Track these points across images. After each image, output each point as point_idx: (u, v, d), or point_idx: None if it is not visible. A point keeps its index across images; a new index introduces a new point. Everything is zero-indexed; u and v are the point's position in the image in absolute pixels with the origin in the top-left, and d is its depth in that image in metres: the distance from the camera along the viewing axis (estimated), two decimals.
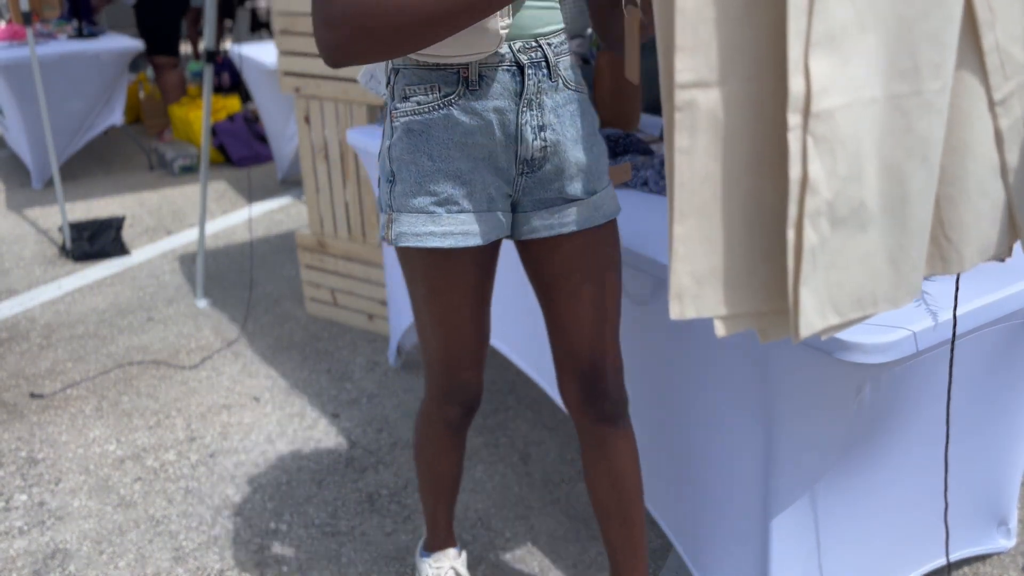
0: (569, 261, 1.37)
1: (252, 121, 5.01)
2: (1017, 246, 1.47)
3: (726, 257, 0.81)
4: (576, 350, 1.42)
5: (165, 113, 5.39)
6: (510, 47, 1.23)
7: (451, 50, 1.18)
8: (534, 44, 1.25)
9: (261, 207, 4.23)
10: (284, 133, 4.32)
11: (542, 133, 1.28)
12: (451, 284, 1.35)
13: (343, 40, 1.11)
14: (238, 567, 1.90)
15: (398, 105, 1.28)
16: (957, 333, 1.28)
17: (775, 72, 0.77)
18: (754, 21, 0.75)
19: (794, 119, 0.73)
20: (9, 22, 4.59)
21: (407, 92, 1.26)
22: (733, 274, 0.82)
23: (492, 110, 1.24)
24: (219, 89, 5.74)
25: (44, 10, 4.90)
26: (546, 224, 1.35)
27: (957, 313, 1.26)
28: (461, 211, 1.28)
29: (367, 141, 2.27)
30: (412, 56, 1.23)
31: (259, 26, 7.07)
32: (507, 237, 1.38)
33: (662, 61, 0.78)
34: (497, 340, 2.10)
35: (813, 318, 0.79)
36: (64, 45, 4.35)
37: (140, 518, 2.06)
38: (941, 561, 1.70)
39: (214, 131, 4.84)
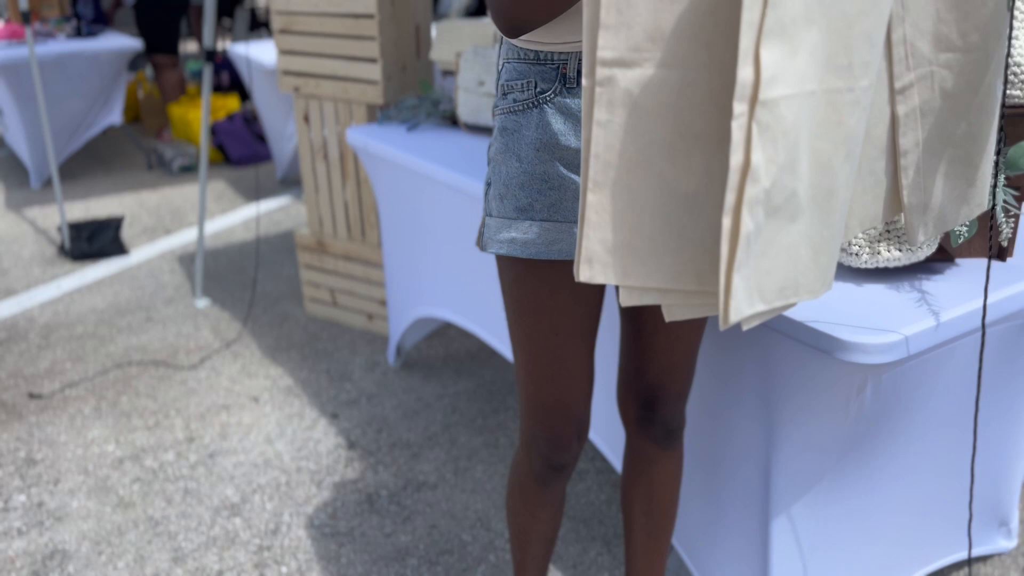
0: None
1: (251, 120, 5.00)
2: (1018, 246, 1.47)
3: (637, 231, 0.84)
4: (649, 374, 1.35)
5: (164, 112, 5.38)
6: None
7: (553, 36, 1.11)
8: None
9: (261, 207, 4.23)
10: (283, 132, 4.32)
11: None
12: (538, 303, 1.22)
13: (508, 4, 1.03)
14: (237, 567, 1.90)
15: (499, 102, 1.20)
16: (957, 334, 1.28)
17: (700, 63, 0.78)
18: (680, 9, 0.77)
19: (740, 107, 0.74)
20: (8, 21, 4.58)
21: (506, 88, 1.18)
22: (643, 250, 0.84)
23: None
24: (218, 88, 5.73)
25: (43, 9, 4.89)
26: None
27: (957, 314, 1.26)
28: (546, 219, 1.17)
29: (367, 141, 2.26)
30: (515, 43, 1.16)
31: (258, 25, 7.06)
32: None
33: (586, 36, 0.80)
34: (491, 336, 2.10)
35: (742, 304, 0.80)
36: (63, 44, 4.35)
37: (139, 518, 2.06)
38: (943, 562, 1.70)
39: (213, 130, 4.84)
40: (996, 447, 1.64)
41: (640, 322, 1.33)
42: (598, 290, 1.25)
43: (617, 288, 1.37)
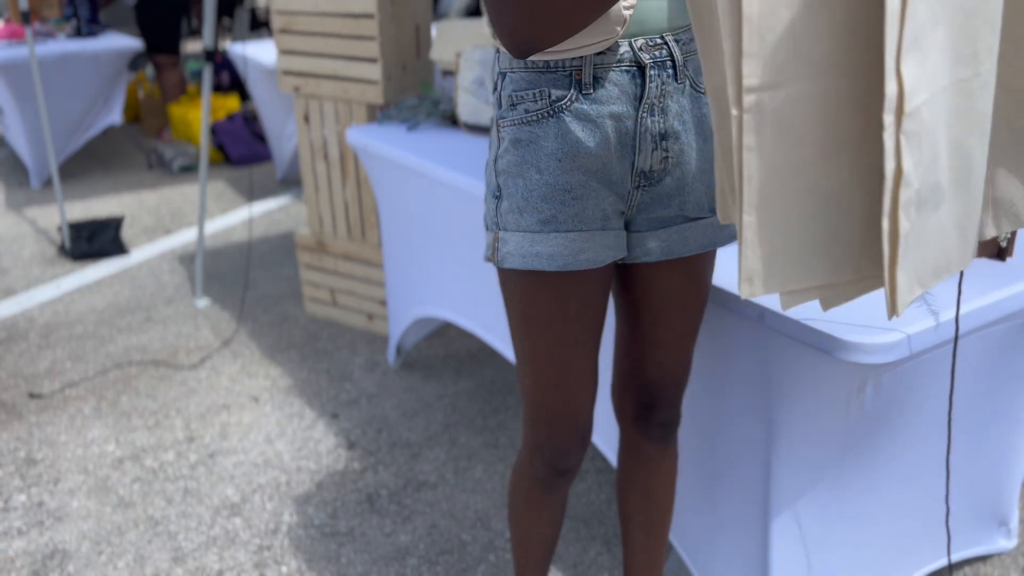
0: (677, 288, 1.26)
1: (251, 120, 5.00)
2: (1017, 246, 1.47)
3: (792, 240, 0.88)
4: (647, 372, 1.35)
5: (164, 112, 5.38)
6: (630, 44, 1.10)
7: (568, 43, 1.06)
8: (659, 41, 1.11)
9: (260, 207, 4.23)
10: (283, 132, 4.32)
11: (663, 142, 1.14)
12: (563, 313, 1.20)
13: (518, 24, 0.97)
14: (237, 567, 1.90)
15: (505, 113, 1.16)
16: (958, 333, 1.28)
17: (836, 70, 0.82)
18: (816, 25, 0.80)
19: (888, 119, 0.78)
20: (8, 21, 4.58)
21: (514, 99, 1.14)
22: (798, 254, 0.88)
23: (608, 116, 1.11)
24: (218, 88, 5.73)
25: (43, 9, 4.89)
26: (664, 246, 1.21)
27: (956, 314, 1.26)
28: (572, 230, 1.14)
29: (367, 140, 2.26)
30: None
31: (258, 25, 7.06)
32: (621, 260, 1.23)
33: (730, 67, 0.82)
34: (491, 336, 2.10)
35: (905, 295, 0.87)
36: (63, 44, 4.34)
37: (139, 518, 2.06)
38: (942, 562, 1.69)
39: (213, 130, 4.84)
40: (996, 447, 1.64)
41: (639, 319, 1.33)
42: (604, 298, 1.24)
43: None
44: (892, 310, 0.85)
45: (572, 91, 1.11)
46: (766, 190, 0.85)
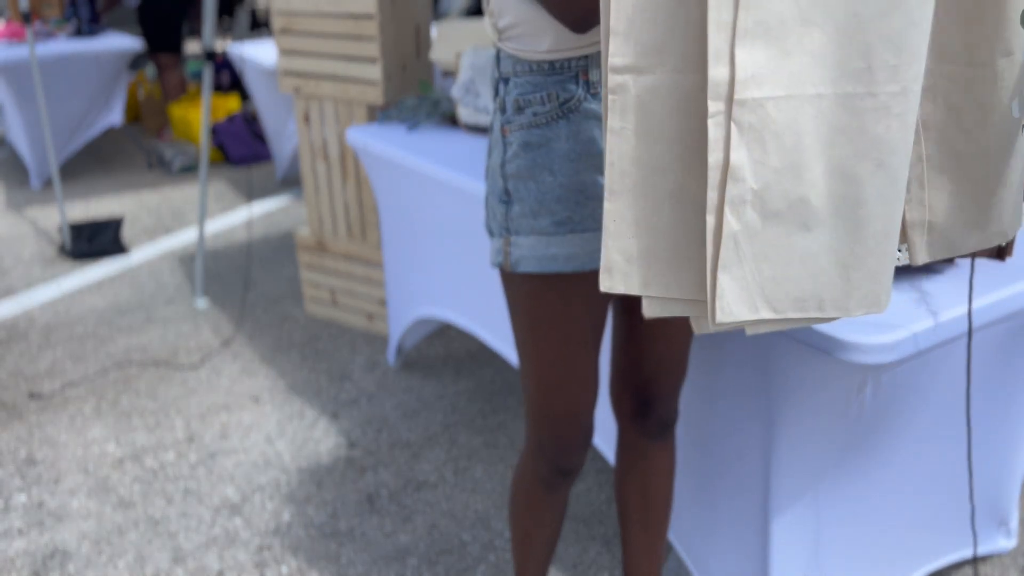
0: None
1: (251, 121, 5.01)
2: (1017, 246, 1.47)
3: (656, 241, 0.83)
4: (646, 369, 1.36)
5: (164, 112, 5.38)
6: None
7: (577, 39, 1.09)
8: None
9: (260, 207, 4.23)
10: (283, 133, 4.32)
11: None
12: (569, 314, 1.21)
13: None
14: (237, 567, 1.90)
15: (512, 118, 1.16)
16: (957, 333, 1.28)
17: (702, 66, 0.78)
18: (687, 14, 0.77)
19: (715, 106, 0.75)
20: (9, 21, 4.58)
21: (521, 103, 1.15)
22: (663, 258, 0.83)
23: None
24: (218, 88, 5.73)
25: (44, 9, 4.89)
26: None
27: (958, 314, 1.26)
28: (587, 230, 1.16)
29: (367, 141, 2.26)
30: (525, 57, 1.13)
31: (258, 25, 7.06)
32: None
33: (602, 44, 0.80)
34: (491, 336, 2.10)
35: (736, 307, 0.80)
36: (63, 44, 4.35)
37: (139, 518, 2.06)
38: (942, 561, 1.70)
39: (213, 130, 4.84)
40: (996, 447, 1.65)
41: (636, 317, 1.33)
42: (607, 298, 1.25)
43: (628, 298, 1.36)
44: (711, 317, 0.79)
45: (580, 91, 1.12)
46: (628, 179, 0.81)
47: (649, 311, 0.86)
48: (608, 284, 0.84)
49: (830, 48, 0.77)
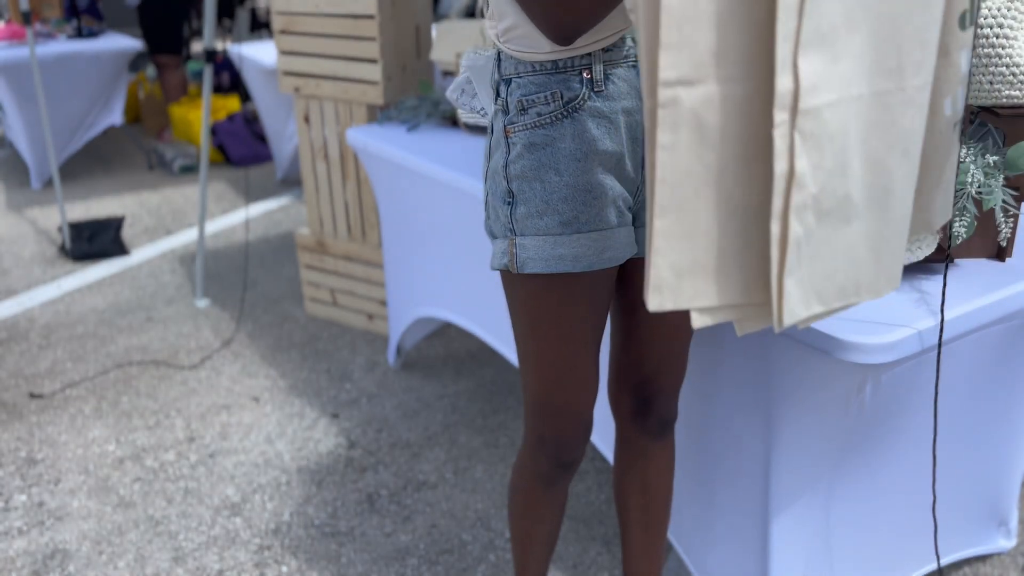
0: None
1: (251, 121, 5.01)
2: (1017, 246, 1.47)
3: (705, 252, 0.82)
4: (646, 367, 1.36)
5: (165, 112, 5.39)
6: (634, 40, 1.13)
7: (582, 39, 1.09)
8: None
9: (260, 207, 4.23)
10: (283, 133, 4.32)
11: None
12: (572, 314, 1.21)
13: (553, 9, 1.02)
14: (238, 567, 1.90)
15: (515, 119, 1.16)
16: (957, 333, 1.28)
17: (758, 72, 0.78)
18: (739, 21, 0.76)
19: (780, 116, 0.75)
20: (9, 22, 4.59)
21: (524, 103, 1.15)
22: (711, 268, 0.83)
23: (621, 111, 1.14)
24: (218, 89, 5.74)
25: (44, 10, 4.89)
26: None
27: (956, 314, 1.26)
28: (593, 229, 1.16)
29: (367, 141, 2.26)
30: (527, 58, 1.14)
31: (258, 26, 7.07)
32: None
33: (645, 57, 0.79)
34: (491, 336, 2.10)
35: (797, 307, 0.81)
36: (64, 45, 4.35)
37: (139, 518, 2.06)
38: (943, 561, 1.70)
39: (213, 131, 4.84)
40: (995, 447, 1.65)
41: (637, 315, 1.33)
42: (611, 296, 1.25)
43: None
44: (778, 321, 0.80)
45: (584, 90, 1.12)
46: (679, 195, 0.80)
47: (699, 322, 0.86)
48: (658, 302, 0.83)
49: (868, 49, 0.79)
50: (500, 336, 2.08)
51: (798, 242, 0.78)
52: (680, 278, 0.83)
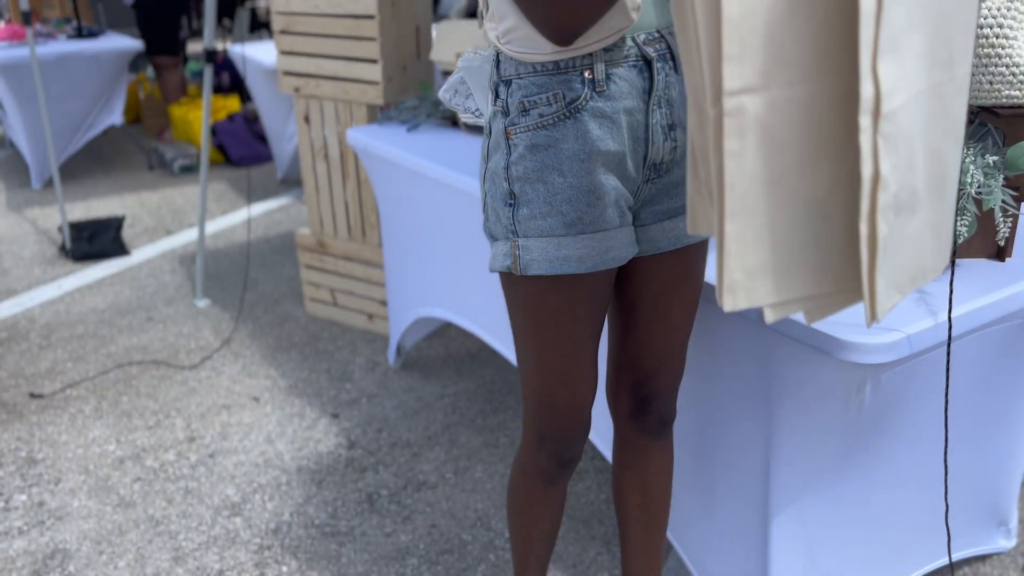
0: (676, 278, 1.28)
1: (252, 121, 5.01)
2: (1017, 246, 1.47)
3: (774, 250, 0.85)
4: (645, 366, 1.36)
5: (165, 113, 5.39)
6: (635, 40, 1.14)
7: (582, 39, 1.09)
8: (657, 35, 1.15)
9: (261, 207, 4.23)
10: (284, 133, 4.32)
11: (672, 133, 1.17)
12: (573, 314, 1.21)
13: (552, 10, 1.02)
14: (238, 567, 1.90)
15: (516, 120, 1.16)
16: (957, 333, 1.28)
17: (819, 74, 0.80)
18: (798, 27, 0.78)
19: (865, 121, 0.77)
20: (9, 22, 4.59)
21: (526, 104, 1.14)
22: (782, 265, 0.85)
23: (623, 111, 1.14)
24: (219, 89, 5.74)
25: (44, 10, 4.89)
26: (668, 236, 1.24)
27: (956, 313, 1.26)
28: (597, 230, 1.16)
29: (367, 141, 2.26)
30: (528, 59, 1.14)
31: (259, 26, 7.07)
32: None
33: (708, 69, 0.80)
34: (491, 336, 2.10)
35: (884, 302, 0.85)
36: (64, 45, 4.35)
37: (140, 518, 2.06)
38: (942, 561, 1.70)
39: (213, 131, 4.84)
40: (996, 447, 1.65)
41: (635, 312, 1.33)
42: (610, 295, 1.25)
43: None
44: (872, 317, 0.83)
45: (586, 90, 1.12)
46: (748, 198, 0.82)
47: (771, 317, 0.88)
48: (732, 303, 0.85)
49: (925, 46, 0.81)
50: (500, 336, 2.08)
51: (885, 241, 0.81)
52: (752, 278, 0.84)
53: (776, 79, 0.79)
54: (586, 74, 1.12)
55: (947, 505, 1.30)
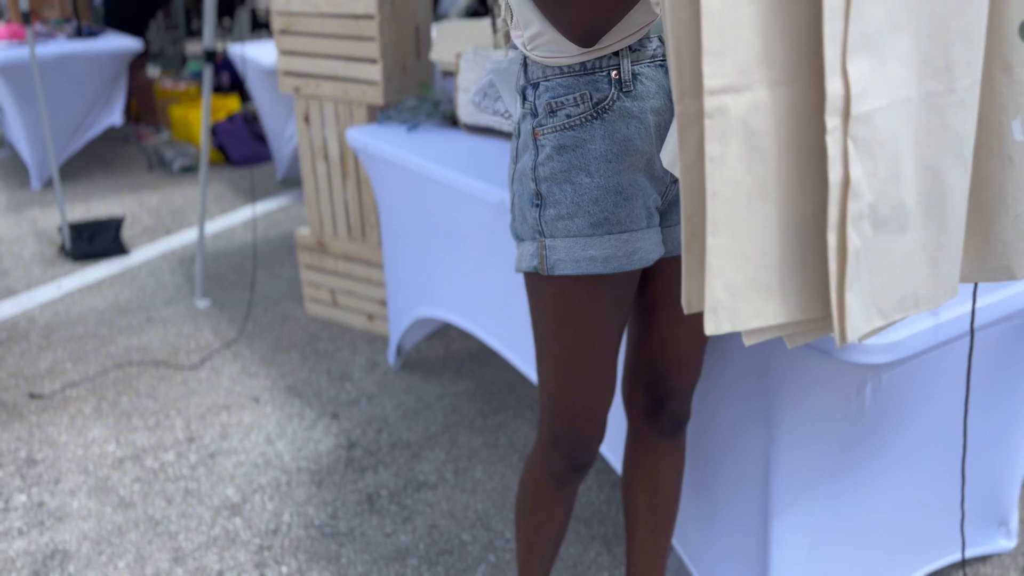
0: None
1: (251, 121, 5.01)
2: None
3: (760, 269, 0.79)
4: (663, 365, 1.36)
5: (154, 112, 5.40)
6: (660, 39, 1.14)
7: (607, 38, 1.10)
8: None
9: (261, 207, 4.23)
10: (283, 133, 4.32)
11: None
12: (597, 315, 1.21)
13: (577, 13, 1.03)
14: (237, 567, 1.90)
15: (544, 121, 1.16)
16: (956, 334, 1.28)
17: (806, 76, 0.75)
18: (782, 24, 0.73)
19: (832, 122, 0.72)
20: (9, 22, 4.59)
21: (553, 106, 1.15)
22: (767, 286, 0.80)
23: (650, 111, 1.14)
24: (218, 89, 5.74)
25: (44, 10, 4.89)
26: None
27: (957, 314, 1.26)
28: (624, 230, 1.16)
29: (367, 141, 2.26)
30: (555, 63, 1.14)
31: (258, 26, 7.07)
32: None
33: (685, 65, 0.76)
34: (491, 336, 2.10)
35: (859, 322, 0.78)
36: (63, 45, 4.35)
37: (139, 518, 2.06)
38: (942, 562, 1.70)
39: (213, 131, 4.84)
40: (996, 447, 1.65)
41: (655, 314, 1.33)
42: (633, 296, 1.25)
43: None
44: (841, 336, 0.77)
45: (613, 91, 1.13)
46: (731, 208, 0.76)
47: (749, 341, 0.83)
48: (714, 326, 0.79)
49: (915, 51, 0.76)
50: (500, 336, 2.08)
51: (856, 254, 0.76)
52: (735, 298, 0.79)
53: (760, 78, 0.74)
54: (613, 74, 1.13)
55: (963, 513, 1.30)
